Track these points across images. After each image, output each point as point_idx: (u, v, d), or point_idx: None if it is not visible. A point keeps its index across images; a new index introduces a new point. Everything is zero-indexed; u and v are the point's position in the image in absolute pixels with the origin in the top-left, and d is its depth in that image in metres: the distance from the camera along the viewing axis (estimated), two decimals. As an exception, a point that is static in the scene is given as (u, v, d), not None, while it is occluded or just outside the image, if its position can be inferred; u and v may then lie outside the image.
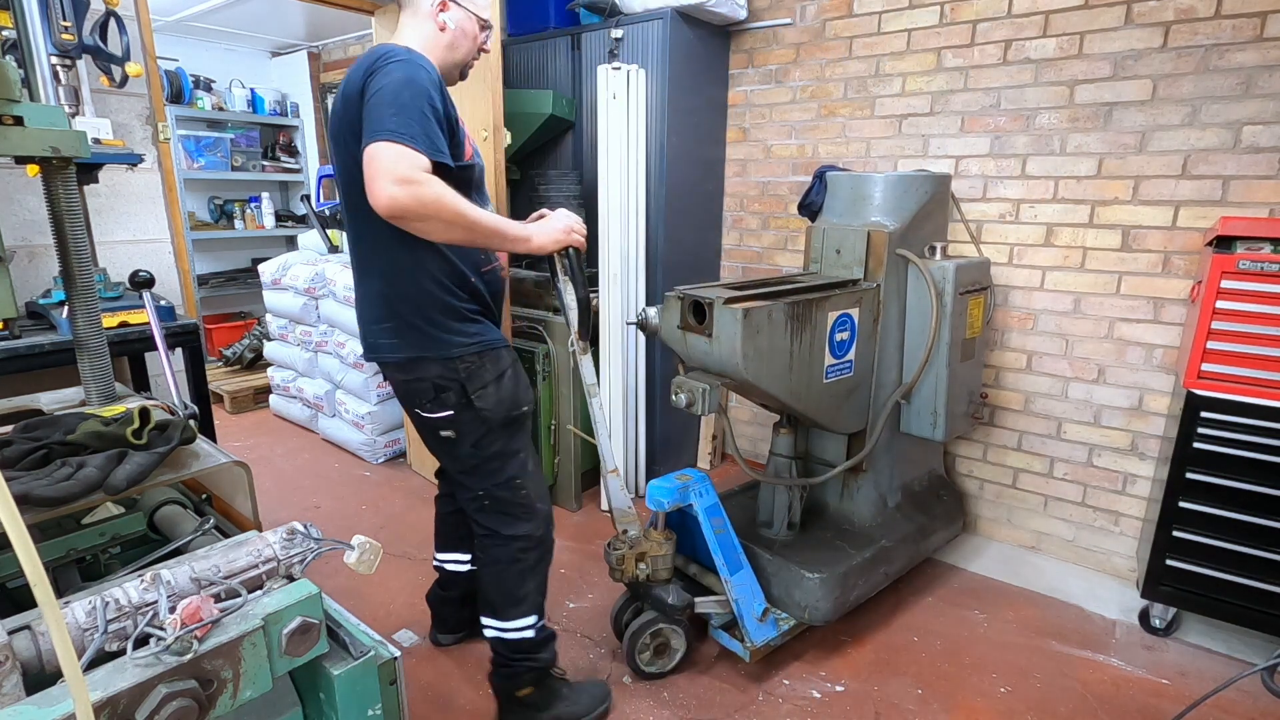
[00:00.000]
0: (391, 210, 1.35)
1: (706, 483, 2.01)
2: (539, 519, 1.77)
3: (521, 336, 2.98)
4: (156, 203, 2.77)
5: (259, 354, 4.77)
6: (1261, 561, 1.98)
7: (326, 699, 0.88)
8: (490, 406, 1.63)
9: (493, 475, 1.71)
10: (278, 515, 3.00)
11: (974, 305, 2.24)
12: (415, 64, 1.44)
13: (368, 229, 1.56)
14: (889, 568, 2.26)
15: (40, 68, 1.94)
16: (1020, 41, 2.50)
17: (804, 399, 1.99)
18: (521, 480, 1.72)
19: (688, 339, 1.93)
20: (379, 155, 1.34)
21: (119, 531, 1.15)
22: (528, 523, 1.75)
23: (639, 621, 2.02)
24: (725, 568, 1.98)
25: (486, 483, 1.72)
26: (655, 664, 2.05)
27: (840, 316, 2.04)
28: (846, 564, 2.11)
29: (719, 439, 3.53)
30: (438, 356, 1.59)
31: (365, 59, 1.47)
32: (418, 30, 1.60)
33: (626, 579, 1.98)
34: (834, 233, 2.23)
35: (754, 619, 2.00)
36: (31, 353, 2.06)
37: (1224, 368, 1.98)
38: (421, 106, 1.40)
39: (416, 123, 1.38)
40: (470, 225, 1.45)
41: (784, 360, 1.90)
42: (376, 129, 1.36)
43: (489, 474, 1.71)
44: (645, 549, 1.97)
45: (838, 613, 2.09)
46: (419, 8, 1.59)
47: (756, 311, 1.79)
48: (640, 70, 2.78)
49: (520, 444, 1.73)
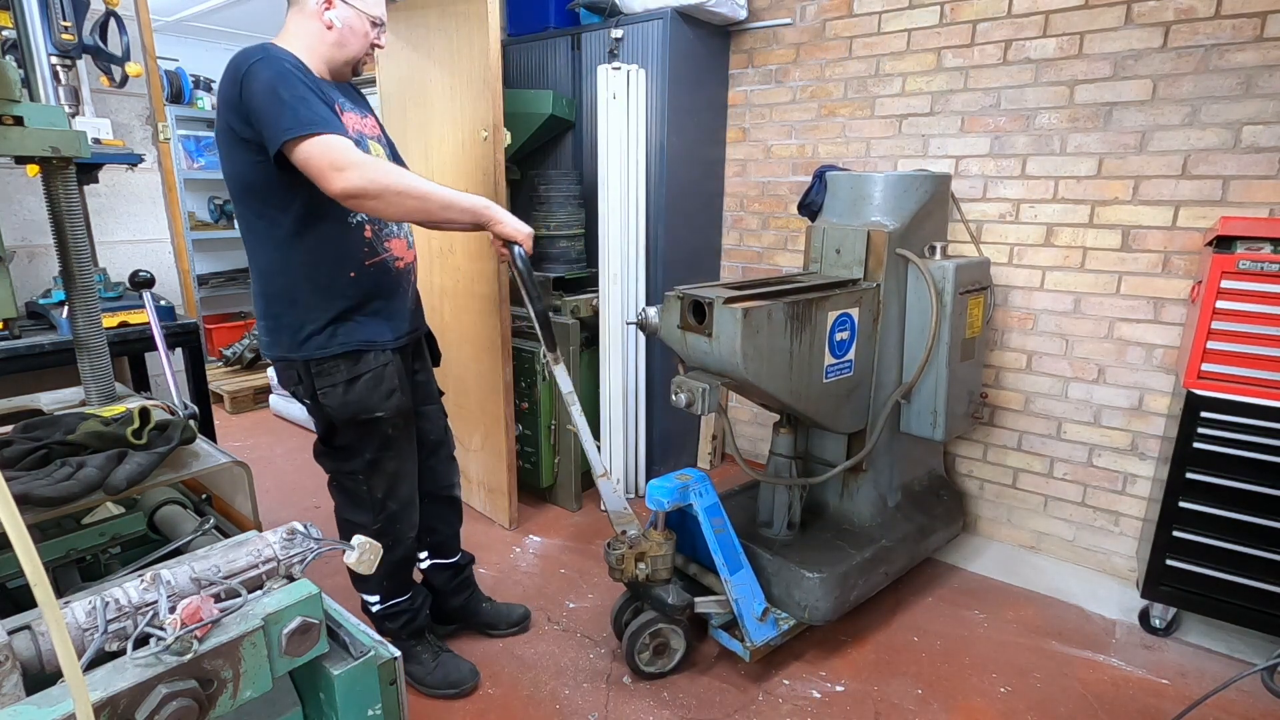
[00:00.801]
0: (346, 195, 1.45)
1: (706, 482, 2.01)
2: (378, 514, 1.83)
3: (521, 336, 2.98)
4: (156, 203, 2.77)
5: (259, 354, 4.77)
6: (1261, 561, 1.98)
7: (326, 699, 0.88)
8: (334, 406, 1.69)
9: (338, 461, 1.82)
10: (278, 515, 3.00)
11: (974, 305, 2.24)
12: (273, 58, 1.49)
13: (245, 230, 1.65)
14: (889, 567, 2.26)
15: (40, 68, 1.94)
16: (1020, 41, 2.50)
17: (804, 399, 2.00)
18: (365, 475, 1.79)
19: (688, 339, 1.93)
20: (307, 154, 1.43)
21: (119, 531, 1.15)
22: (366, 513, 1.83)
23: (638, 621, 2.02)
24: (725, 567, 1.98)
25: (331, 465, 1.85)
26: (655, 664, 2.06)
27: (840, 316, 2.04)
28: (846, 564, 2.11)
29: (719, 439, 3.52)
30: (295, 358, 1.67)
31: (230, 69, 1.52)
32: (303, 28, 1.63)
33: (626, 579, 1.99)
34: (834, 232, 2.23)
35: (754, 619, 2.00)
36: (31, 353, 2.06)
37: (1224, 368, 1.98)
38: (301, 94, 1.46)
39: (306, 109, 1.45)
40: (422, 195, 1.54)
41: (784, 360, 1.91)
42: (278, 132, 1.43)
43: (335, 459, 1.82)
44: (645, 549, 1.97)
45: (838, 612, 2.09)
46: (305, 5, 1.62)
47: (756, 311, 1.79)
48: (640, 70, 2.78)
49: (370, 447, 1.77)
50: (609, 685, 2.03)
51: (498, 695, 1.99)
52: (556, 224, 3.04)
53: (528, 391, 2.98)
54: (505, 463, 2.81)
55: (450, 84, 2.70)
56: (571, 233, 3.08)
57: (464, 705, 1.95)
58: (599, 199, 2.86)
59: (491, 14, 2.43)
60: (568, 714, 1.93)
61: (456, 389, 3.03)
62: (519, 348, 2.90)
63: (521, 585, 2.52)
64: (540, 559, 2.69)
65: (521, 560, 2.68)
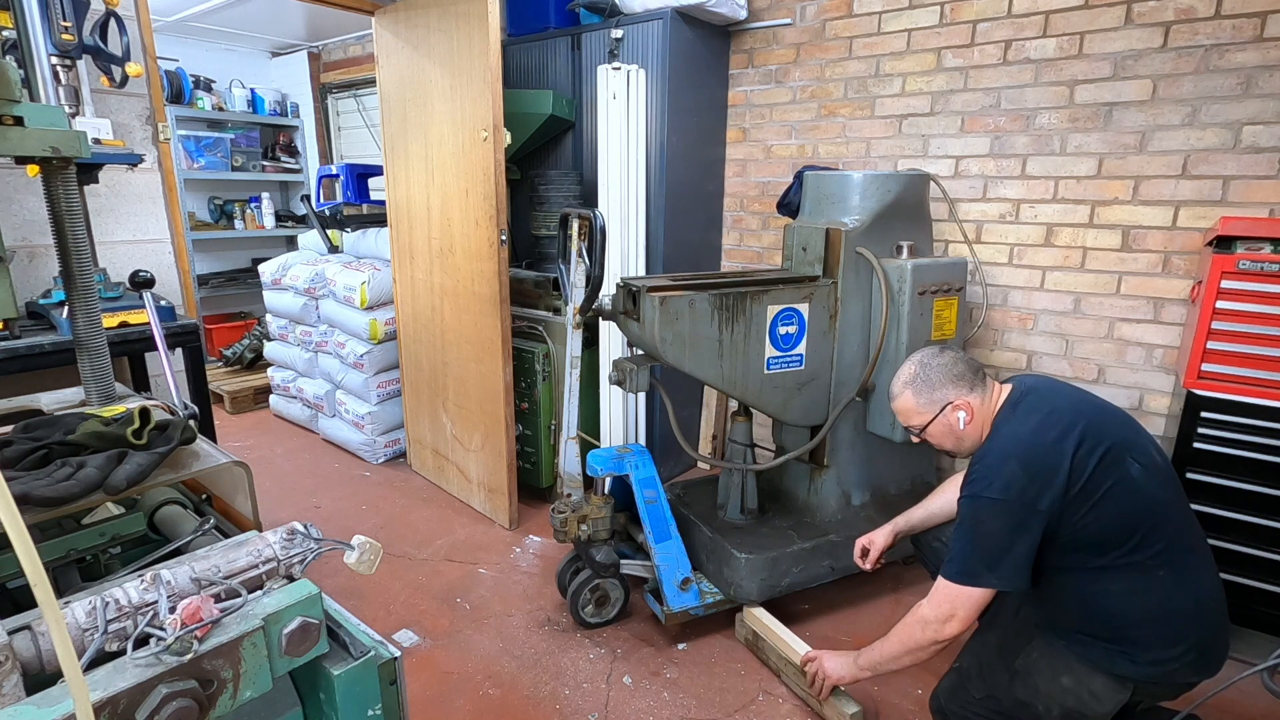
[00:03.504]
0: None
1: (645, 456, 2.20)
2: None
3: (521, 336, 2.98)
4: (156, 203, 2.77)
5: (259, 354, 4.77)
6: (1262, 561, 1.98)
7: (326, 699, 0.88)
8: None
9: None
10: (278, 515, 3.00)
11: (943, 306, 2.22)
12: None
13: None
14: (835, 562, 2.26)
15: (40, 68, 1.94)
16: (1020, 41, 2.50)
17: (741, 387, 2.12)
18: None
19: (627, 323, 2.10)
20: None
21: (119, 531, 1.15)
22: None
23: (580, 578, 2.23)
24: (652, 535, 2.14)
25: None
26: (598, 615, 2.27)
27: (784, 311, 2.10)
28: (780, 550, 2.17)
29: (719, 438, 3.52)
30: None
31: None
32: None
33: (570, 538, 2.19)
34: (801, 231, 2.27)
35: (674, 585, 2.14)
36: (31, 353, 2.06)
37: (1224, 368, 1.98)
38: None
39: None
40: None
41: (711, 347, 2.04)
42: None
43: None
44: (586, 512, 2.19)
45: (764, 595, 2.17)
46: None
47: (674, 300, 1.95)
48: (640, 70, 2.78)
49: None
50: (609, 685, 2.03)
51: (498, 695, 1.99)
52: (556, 224, 3.04)
53: (528, 392, 2.98)
54: (505, 463, 2.81)
55: (450, 84, 2.70)
56: (571, 233, 3.08)
57: (464, 705, 1.95)
58: (599, 199, 2.86)
59: (491, 14, 2.44)
60: (568, 714, 1.93)
61: (457, 389, 3.03)
62: (519, 348, 2.90)
63: (521, 585, 2.52)
64: (540, 559, 2.69)
65: (521, 560, 2.68)
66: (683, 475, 3.43)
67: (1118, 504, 1.41)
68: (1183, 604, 1.43)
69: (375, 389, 3.51)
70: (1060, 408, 1.49)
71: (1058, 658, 1.50)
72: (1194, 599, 1.44)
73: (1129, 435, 1.48)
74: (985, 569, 1.43)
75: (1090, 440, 1.42)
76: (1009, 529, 1.41)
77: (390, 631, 2.26)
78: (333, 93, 5.39)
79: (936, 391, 1.57)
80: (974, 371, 1.57)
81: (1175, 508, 1.48)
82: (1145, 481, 1.43)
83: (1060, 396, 1.53)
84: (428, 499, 3.18)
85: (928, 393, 1.57)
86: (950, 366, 1.57)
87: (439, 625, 2.30)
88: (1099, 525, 1.42)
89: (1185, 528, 1.48)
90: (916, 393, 1.59)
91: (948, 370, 1.57)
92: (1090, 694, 1.45)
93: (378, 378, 3.51)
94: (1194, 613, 1.44)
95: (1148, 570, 1.42)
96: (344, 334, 3.60)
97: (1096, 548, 1.44)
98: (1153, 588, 1.42)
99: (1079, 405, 1.50)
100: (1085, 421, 1.45)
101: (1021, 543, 1.41)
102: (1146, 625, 1.43)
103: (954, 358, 1.59)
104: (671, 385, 2.35)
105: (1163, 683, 1.46)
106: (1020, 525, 1.41)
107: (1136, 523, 1.42)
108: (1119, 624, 1.44)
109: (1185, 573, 1.44)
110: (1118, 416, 1.54)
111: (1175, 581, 1.42)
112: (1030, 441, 1.44)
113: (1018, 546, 1.41)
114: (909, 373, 1.61)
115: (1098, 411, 1.50)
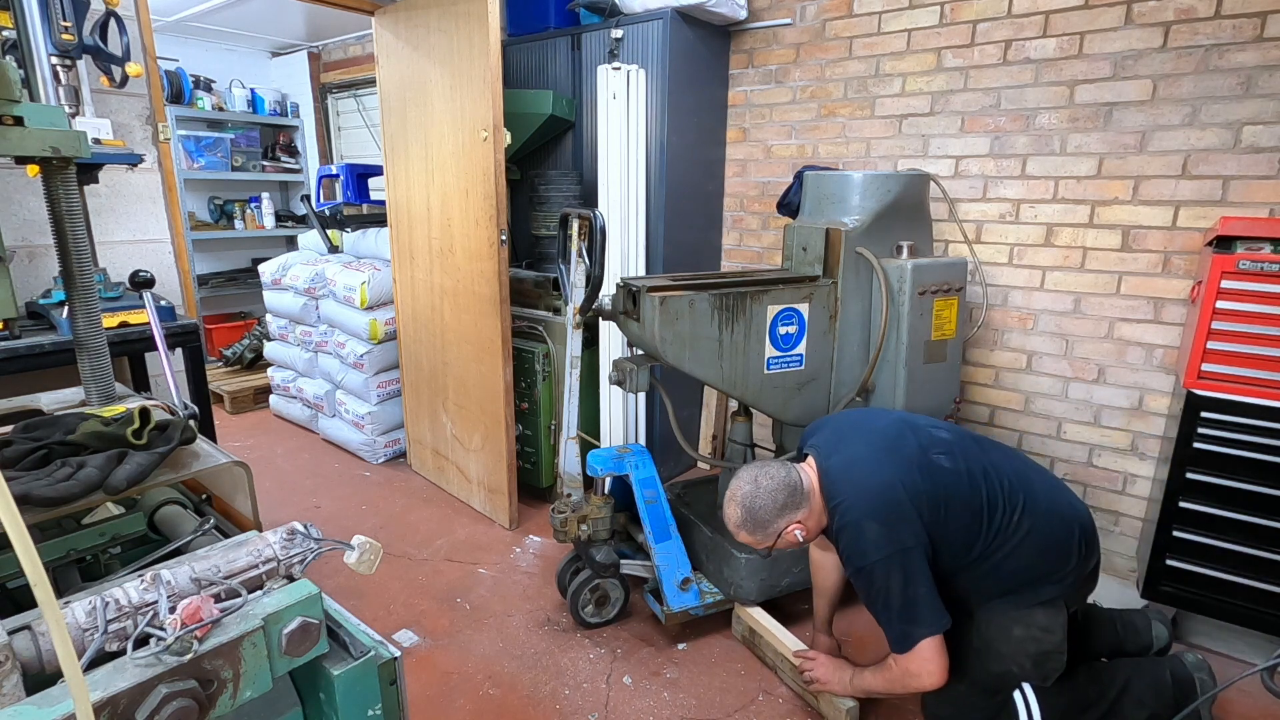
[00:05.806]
0: None
1: (645, 456, 2.20)
2: None
3: (521, 336, 2.98)
4: (156, 203, 2.77)
5: (259, 354, 4.77)
6: (1262, 561, 1.98)
7: (326, 699, 0.88)
8: None
9: None
10: (278, 515, 3.00)
11: (943, 306, 2.21)
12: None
13: None
14: None
15: (40, 68, 1.94)
16: (1020, 41, 2.50)
17: (741, 387, 2.11)
18: None
19: (627, 323, 2.09)
20: None
21: (119, 531, 1.15)
22: None
23: (580, 578, 2.23)
24: (652, 535, 2.14)
25: None
26: (598, 615, 2.27)
27: (784, 311, 2.09)
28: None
29: (719, 438, 3.52)
30: None
31: None
32: None
33: (570, 538, 2.19)
34: (801, 231, 2.26)
35: (674, 585, 2.14)
36: (31, 353, 2.06)
37: (1224, 368, 1.98)
38: None
39: None
40: None
41: (712, 347, 2.03)
42: None
43: None
44: (586, 512, 2.18)
45: (763, 595, 2.18)
46: None
47: (674, 299, 1.95)
48: (640, 70, 2.78)
49: None
50: (609, 685, 2.03)
51: (497, 695, 1.99)
52: (556, 224, 3.04)
53: (528, 391, 2.98)
54: (505, 463, 2.81)
55: (450, 84, 2.70)
56: (571, 233, 3.08)
57: (464, 705, 1.95)
58: (599, 199, 2.86)
59: (491, 14, 2.44)
60: (568, 714, 1.93)
61: (457, 389, 3.03)
62: (519, 348, 2.90)
63: (521, 585, 2.52)
64: (540, 559, 2.69)
65: (521, 560, 2.68)
66: (683, 475, 3.43)
67: (960, 498, 1.57)
68: (1055, 526, 1.61)
69: (375, 389, 3.51)
70: (859, 455, 1.61)
71: (1001, 618, 1.62)
72: (1058, 514, 1.62)
73: (921, 438, 1.63)
74: (911, 625, 1.53)
75: (901, 465, 1.56)
76: (902, 581, 1.51)
77: (390, 631, 2.26)
78: (333, 93, 5.39)
79: (769, 526, 1.62)
80: (792, 490, 1.60)
81: (994, 466, 1.62)
82: (958, 465, 1.59)
83: (853, 440, 1.65)
84: (428, 499, 3.19)
85: (760, 530, 1.62)
86: (772, 498, 1.60)
87: (439, 625, 2.30)
88: (958, 524, 1.56)
89: (1012, 473, 1.63)
90: (751, 531, 1.64)
91: (770, 505, 1.60)
92: (1041, 630, 1.58)
93: (378, 378, 3.51)
94: (1067, 517, 1.63)
95: (1016, 528, 1.59)
96: (344, 334, 3.60)
97: (964, 547, 1.59)
98: (1029, 535, 1.59)
99: (869, 438, 1.64)
100: (884, 451, 1.59)
101: (920, 584, 1.51)
102: (1042, 557, 1.61)
103: (773, 488, 1.60)
104: (671, 385, 2.35)
105: (1082, 582, 1.67)
106: (909, 570, 1.51)
107: (978, 503, 1.57)
108: (1025, 572, 1.61)
109: (1038, 503, 1.61)
110: (896, 426, 1.66)
111: (1038, 516, 1.60)
112: (866, 498, 1.55)
113: (919, 589, 1.51)
114: (736, 516, 1.64)
115: (882, 436, 1.64)
